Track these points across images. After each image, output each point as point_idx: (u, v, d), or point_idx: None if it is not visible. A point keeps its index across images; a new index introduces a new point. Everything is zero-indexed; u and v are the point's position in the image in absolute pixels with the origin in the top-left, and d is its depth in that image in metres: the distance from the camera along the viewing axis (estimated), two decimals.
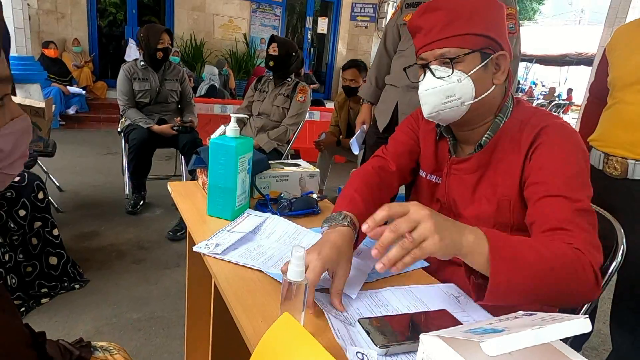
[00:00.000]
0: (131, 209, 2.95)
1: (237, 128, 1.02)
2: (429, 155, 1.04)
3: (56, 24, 6.68)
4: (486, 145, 0.91)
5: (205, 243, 0.89)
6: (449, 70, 0.85)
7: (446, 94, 0.86)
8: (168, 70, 3.07)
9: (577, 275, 0.70)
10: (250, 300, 0.73)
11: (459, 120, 0.90)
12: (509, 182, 0.88)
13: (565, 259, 0.70)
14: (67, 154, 4.22)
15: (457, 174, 0.96)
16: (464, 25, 0.84)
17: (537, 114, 0.89)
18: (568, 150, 0.83)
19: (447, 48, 0.85)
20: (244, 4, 8.05)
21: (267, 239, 0.97)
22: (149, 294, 2.04)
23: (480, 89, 0.86)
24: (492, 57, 0.86)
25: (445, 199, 0.99)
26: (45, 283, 1.93)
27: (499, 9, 0.87)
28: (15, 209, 1.82)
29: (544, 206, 0.80)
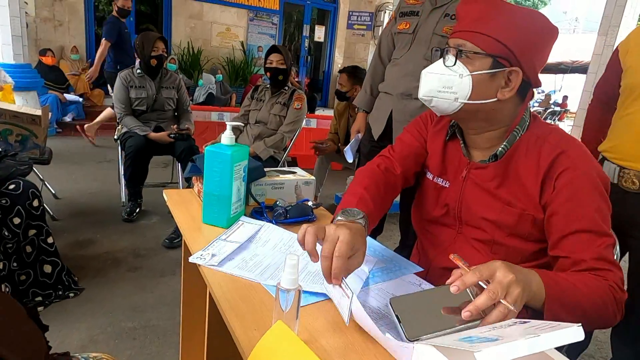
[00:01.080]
0: (127, 216, 2.94)
1: (232, 136, 1.03)
2: (436, 158, 1.03)
3: (54, 31, 6.70)
4: (502, 157, 0.90)
5: (201, 253, 0.89)
6: (459, 63, 0.85)
7: (444, 84, 0.87)
8: (164, 77, 3.08)
9: (609, 312, 0.77)
10: (244, 308, 0.73)
11: (455, 116, 0.90)
12: (528, 198, 0.88)
13: (604, 299, 0.77)
14: (64, 161, 4.20)
15: (475, 179, 0.94)
16: (490, 27, 0.83)
17: (553, 132, 0.89)
18: (592, 181, 0.83)
19: (465, 41, 0.85)
20: (241, 12, 8.10)
21: (263, 247, 0.97)
22: (144, 302, 2.03)
23: (478, 93, 0.85)
24: (504, 70, 0.84)
25: (455, 203, 0.97)
26: (40, 291, 1.91)
27: (542, 32, 0.86)
28: (9, 216, 1.81)
29: (572, 244, 0.82)
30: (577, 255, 0.81)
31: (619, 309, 0.78)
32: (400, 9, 1.94)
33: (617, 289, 0.78)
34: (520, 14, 0.85)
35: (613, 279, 0.79)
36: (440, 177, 1.01)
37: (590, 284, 0.77)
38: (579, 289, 0.75)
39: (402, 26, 1.89)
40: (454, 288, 0.65)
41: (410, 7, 1.90)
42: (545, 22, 0.86)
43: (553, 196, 0.84)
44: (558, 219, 0.84)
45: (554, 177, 0.84)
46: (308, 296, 0.78)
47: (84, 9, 6.87)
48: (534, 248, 0.91)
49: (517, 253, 0.92)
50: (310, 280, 0.83)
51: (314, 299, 0.77)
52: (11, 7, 4.60)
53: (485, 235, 0.93)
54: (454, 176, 0.98)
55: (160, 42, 2.93)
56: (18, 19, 4.71)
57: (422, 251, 1.09)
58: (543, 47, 0.86)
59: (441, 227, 1.02)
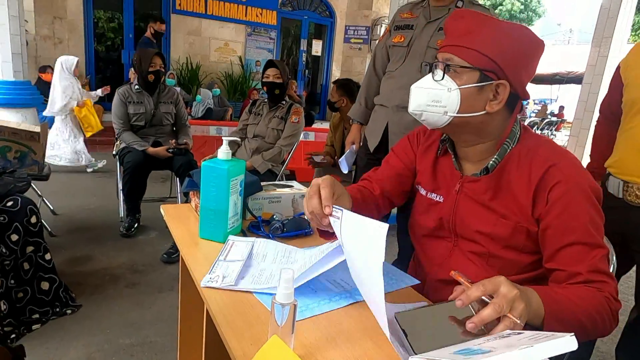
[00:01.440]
0: (125, 231, 2.93)
1: (229, 151, 1.04)
2: (428, 174, 1.03)
3: (54, 49, 6.76)
4: (493, 170, 0.91)
5: (210, 277, 0.86)
6: (447, 77, 0.87)
7: (433, 98, 0.88)
8: (162, 93, 3.11)
9: (606, 324, 0.79)
10: (240, 323, 0.73)
11: (445, 129, 0.92)
12: (521, 211, 0.88)
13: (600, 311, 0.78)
14: (62, 177, 4.21)
15: (468, 193, 0.95)
16: (477, 41, 0.85)
17: (544, 144, 0.90)
18: (584, 192, 0.84)
19: (453, 55, 0.87)
20: (239, 27, 8.20)
21: (264, 261, 0.96)
22: (142, 318, 2.02)
23: (466, 107, 0.87)
24: (492, 83, 0.86)
25: (450, 217, 0.98)
26: (37, 309, 1.90)
27: (530, 46, 0.87)
28: (7, 233, 1.81)
29: (567, 256, 0.83)
30: (572, 268, 0.82)
31: (614, 318, 0.80)
32: (395, 23, 1.97)
33: (611, 299, 0.80)
34: (507, 29, 0.86)
35: (608, 290, 0.80)
36: (434, 193, 1.02)
37: (586, 298, 0.78)
38: (576, 304, 0.76)
39: (396, 39, 1.91)
40: (459, 302, 0.66)
41: (405, 20, 1.93)
42: (531, 36, 0.88)
43: (547, 209, 0.85)
44: (552, 232, 0.85)
45: (547, 190, 0.85)
46: (304, 310, 0.77)
47: (84, 26, 6.95)
48: (529, 260, 0.91)
49: (512, 265, 0.92)
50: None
51: (309, 314, 0.77)
52: (11, 25, 4.66)
53: (480, 248, 0.94)
54: (447, 190, 0.99)
55: (157, 57, 2.96)
56: (18, 36, 4.76)
57: (419, 264, 1.09)
58: (529, 60, 0.88)
59: (437, 240, 1.02)
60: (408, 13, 1.92)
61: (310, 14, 9.02)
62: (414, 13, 1.89)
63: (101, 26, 8.42)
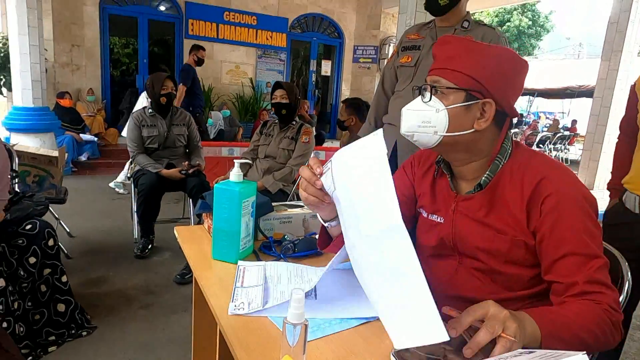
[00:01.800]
0: (139, 253, 2.97)
1: (240, 173, 1.06)
2: (427, 197, 1.06)
3: (71, 75, 6.99)
4: (487, 186, 0.93)
5: (234, 305, 0.85)
6: (435, 99, 0.90)
7: (423, 119, 0.91)
8: (175, 115, 3.19)
9: (608, 337, 0.79)
10: (253, 343, 0.74)
11: (437, 148, 0.94)
12: (517, 224, 0.89)
13: (601, 324, 0.78)
14: (78, 200, 4.29)
15: (464, 211, 0.97)
16: (460, 63, 0.89)
17: (536, 158, 0.92)
18: (578, 203, 0.85)
19: (440, 77, 0.91)
20: (250, 50, 8.39)
21: (280, 284, 0.97)
22: (155, 340, 2.03)
23: (455, 126, 0.90)
24: (478, 102, 0.89)
25: (450, 236, 0.99)
26: (53, 331, 1.92)
27: (512, 66, 0.90)
28: (25, 256, 1.85)
29: (563, 268, 0.84)
30: (569, 279, 0.82)
31: (616, 330, 0.79)
32: (403, 44, 2.00)
33: (611, 311, 0.79)
34: (491, 52, 0.90)
35: (606, 301, 0.80)
36: (435, 214, 1.04)
37: (583, 313, 0.78)
38: (573, 321, 0.76)
39: (404, 60, 1.95)
40: (453, 331, 0.67)
41: (412, 41, 1.96)
42: (515, 57, 0.91)
43: (540, 221, 0.86)
44: (547, 244, 0.86)
45: (539, 203, 0.86)
46: (315, 330, 0.78)
47: (100, 53, 7.19)
48: (532, 273, 0.91)
49: (516, 280, 0.92)
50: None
51: (320, 334, 0.78)
52: (32, 54, 4.85)
53: (482, 264, 0.94)
54: (445, 211, 1.01)
55: (168, 81, 3.05)
56: (38, 65, 4.95)
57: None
58: (514, 79, 0.92)
59: (442, 259, 1.03)
60: (415, 34, 1.96)
61: (319, 35, 9.19)
62: (421, 34, 1.93)
63: (116, 52, 8.69)
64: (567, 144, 11.41)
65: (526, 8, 22.39)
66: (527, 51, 23.77)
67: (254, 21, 8.23)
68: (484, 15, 22.57)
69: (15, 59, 4.86)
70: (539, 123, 15.00)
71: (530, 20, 22.91)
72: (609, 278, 0.83)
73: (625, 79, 4.86)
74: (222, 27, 8.01)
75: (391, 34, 8.86)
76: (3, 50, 5.42)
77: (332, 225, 0.98)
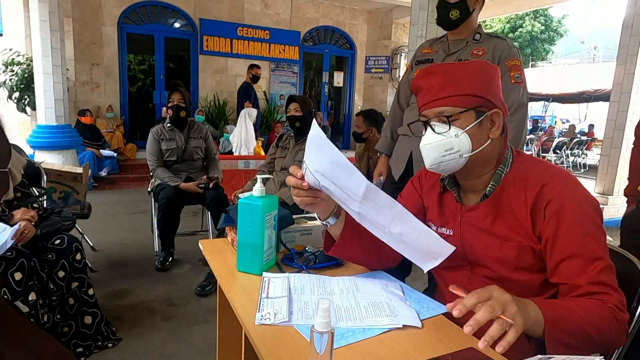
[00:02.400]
0: (160, 265, 3.03)
1: (262, 188, 1.10)
2: (435, 210, 1.09)
3: (91, 93, 7.21)
4: (491, 195, 0.97)
5: (261, 315, 0.88)
6: (447, 126, 0.93)
7: (445, 148, 0.94)
8: (192, 129, 3.29)
9: (615, 333, 0.81)
10: (280, 352, 0.77)
11: (460, 170, 0.97)
12: (523, 230, 0.92)
13: (605, 321, 0.80)
14: (100, 215, 4.40)
15: (470, 221, 1.00)
16: (458, 87, 0.93)
17: (538, 165, 0.96)
18: (579, 207, 0.88)
19: (444, 107, 0.94)
20: (263, 64, 8.52)
21: (303, 294, 1.00)
22: (179, 351, 2.07)
23: (476, 143, 0.94)
24: (486, 115, 0.94)
25: (460, 248, 1.02)
26: (81, 343, 1.98)
27: (491, 71, 0.96)
28: (55, 270, 1.92)
29: (566, 269, 0.87)
30: (573, 281, 0.85)
31: (622, 329, 0.81)
32: (416, 58, 2.04)
33: (616, 310, 0.81)
34: (472, 67, 0.95)
35: (612, 302, 0.82)
36: (444, 227, 1.07)
37: (588, 308, 0.80)
38: (577, 313, 0.79)
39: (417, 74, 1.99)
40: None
41: (426, 55, 2.00)
42: (489, 65, 0.97)
43: (544, 225, 0.89)
44: (551, 247, 0.89)
45: (543, 208, 0.90)
46: (339, 339, 0.81)
47: (118, 70, 7.40)
48: (541, 279, 0.94)
49: (527, 286, 0.94)
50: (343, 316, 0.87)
51: (344, 342, 0.80)
52: (55, 74, 5.03)
53: (493, 273, 0.97)
54: (453, 223, 1.04)
55: (174, 93, 3.16)
56: (60, 84, 5.13)
57: (440, 294, 1.12)
58: (496, 82, 0.97)
59: (455, 271, 1.06)
60: (428, 49, 2.00)
61: (331, 47, 9.30)
62: (433, 48, 1.97)
63: (133, 68, 8.91)
64: (584, 149, 11.23)
65: (538, 13, 22.27)
66: (540, 56, 23.57)
67: (267, 35, 8.38)
68: (495, 22, 22.52)
69: (39, 79, 5.04)
70: (555, 129, 14.82)
71: (542, 25, 22.76)
72: (614, 280, 0.85)
73: None
74: (236, 42, 8.18)
75: (402, 43, 8.91)
76: (27, 70, 5.62)
77: (329, 223, 1.04)
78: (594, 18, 50.47)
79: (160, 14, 7.67)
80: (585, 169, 10.72)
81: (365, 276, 1.11)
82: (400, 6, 8.29)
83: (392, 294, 0.99)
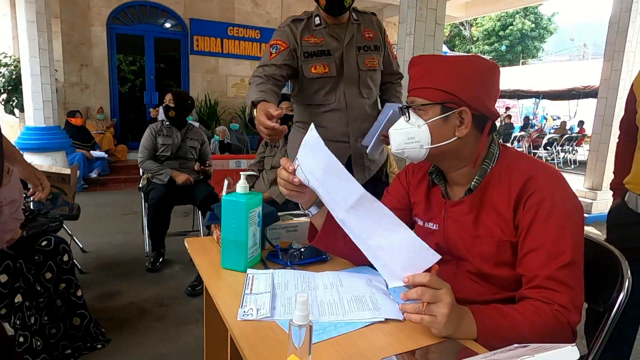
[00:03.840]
0: (151, 266, 3.02)
1: (246, 185, 1.10)
2: (422, 205, 1.10)
3: (81, 94, 7.16)
4: (476, 189, 0.97)
5: (244, 311, 0.88)
6: (415, 116, 0.96)
7: (408, 136, 0.97)
8: (190, 130, 3.34)
9: (556, 337, 0.81)
10: (262, 347, 0.77)
11: (427, 160, 1.00)
12: (503, 225, 0.93)
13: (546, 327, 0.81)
14: (90, 216, 4.38)
15: (453, 216, 1.01)
16: (431, 80, 0.94)
17: (524, 160, 0.96)
18: (559, 202, 0.88)
19: (415, 97, 0.97)
20: (254, 63, 8.49)
21: (287, 290, 1.00)
22: (169, 351, 2.06)
23: (437, 137, 0.95)
24: (453, 112, 0.93)
25: (444, 243, 1.03)
26: (69, 344, 1.97)
27: (483, 72, 0.94)
28: (42, 272, 1.90)
29: (530, 261, 0.88)
30: (532, 273, 0.86)
31: (566, 332, 0.82)
32: (303, 49, 1.73)
33: (561, 311, 0.82)
34: (459, 62, 0.94)
35: (558, 301, 0.82)
36: (430, 222, 1.08)
37: (526, 313, 0.82)
38: (515, 319, 0.81)
39: (319, 70, 1.75)
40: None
41: (317, 46, 1.73)
42: (483, 62, 0.95)
43: (522, 216, 0.90)
44: (523, 238, 0.89)
45: (524, 200, 0.90)
46: (321, 333, 0.81)
47: (108, 71, 7.35)
48: None
49: (509, 281, 0.95)
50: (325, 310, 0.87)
51: (326, 336, 0.81)
52: (43, 75, 4.98)
53: (475, 268, 0.98)
54: (438, 218, 1.05)
55: (167, 94, 3.23)
56: (49, 85, 5.09)
57: None
58: (486, 83, 0.95)
59: (441, 265, 1.06)
60: (312, 37, 1.74)
61: None
62: (316, 36, 1.74)
63: (123, 69, 8.86)
64: (574, 145, 11.34)
65: (528, 11, 22.43)
66: (530, 54, 23.74)
67: (258, 35, 8.37)
68: (486, 20, 22.65)
69: (26, 80, 5.00)
70: (545, 125, 14.93)
71: (533, 23, 22.92)
72: (573, 278, 0.84)
73: (628, 79, 4.85)
74: (227, 42, 8.16)
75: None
76: (15, 72, 5.57)
77: (312, 212, 1.08)
78: (584, 15, 50.95)
79: (150, 14, 7.64)
80: (575, 165, 10.83)
81: (350, 271, 1.11)
82: (391, 5, 8.32)
83: (376, 288, 0.99)
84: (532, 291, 0.85)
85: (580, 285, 0.86)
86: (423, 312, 0.77)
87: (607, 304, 0.97)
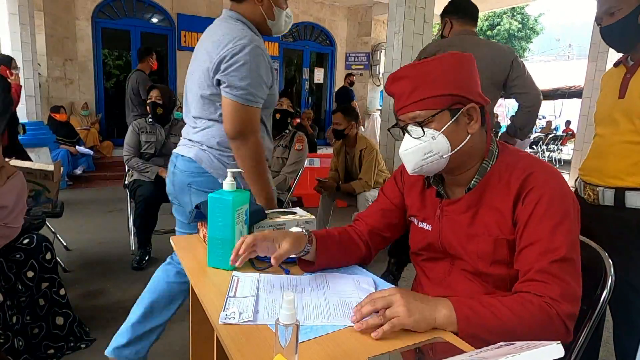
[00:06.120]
0: (137, 264, 2.98)
1: (233, 182, 1.09)
2: (417, 205, 1.09)
3: (65, 89, 7.02)
4: (474, 188, 0.97)
5: (226, 314, 0.87)
6: (425, 129, 0.92)
7: (424, 151, 0.93)
8: (174, 126, 3.29)
9: (544, 328, 0.80)
10: (248, 347, 0.76)
11: (444, 169, 0.97)
12: (502, 222, 0.93)
13: (531, 316, 0.81)
14: (74, 213, 4.30)
15: (449, 215, 1.00)
16: (427, 89, 0.91)
17: (524, 158, 0.96)
18: (556, 199, 0.88)
19: (417, 111, 0.93)
20: None
21: (272, 293, 0.98)
22: (154, 350, 2.03)
23: (455, 142, 0.93)
24: (462, 111, 0.92)
25: (438, 242, 1.02)
26: (52, 344, 1.93)
27: (464, 64, 0.94)
28: (23, 270, 1.86)
29: (525, 256, 0.88)
30: (525, 267, 0.87)
31: (556, 323, 0.81)
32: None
33: (551, 302, 0.81)
34: (441, 62, 0.92)
35: (548, 293, 0.82)
36: (424, 222, 1.08)
37: (509, 303, 0.82)
38: (498, 310, 0.81)
39: None
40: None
41: None
42: (460, 55, 0.94)
43: (520, 212, 0.90)
44: (520, 233, 0.90)
45: (523, 196, 0.90)
46: (308, 332, 0.81)
47: (93, 66, 7.22)
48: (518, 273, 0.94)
49: (505, 280, 0.95)
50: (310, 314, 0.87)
51: (313, 335, 0.80)
52: (25, 69, 4.88)
53: (470, 266, 0.98)
54: (433, 218, 1.05)
55: (154, 90, 3.21)
56: (32, 80, 4.98)
57: (419, 284, 1.13)
58: (473, 74, 0.95)
59: (435, 262, 1.07)
60: None
61: (311, 43, 9.28)
62: None
63: (108, 64, 8.71)
64: (559, 144, 11.52)
65: (515, 11, 22.66)
66: (517, 54, 24.01)
67: None
68: None
69: None
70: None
71: (520, 23, 23.16)
72: (567, 272, 0.84)
73: None
74: None
75: (382, 40, 8.95)
76: None
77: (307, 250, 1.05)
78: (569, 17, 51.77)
79: (136, 8, 7.52)
80: (560, 164, 11.00)
81: (338, 271, 1.10)
82: (380, 3, 8.33)
83: (364, 291, 0.98)
84: (524, 284, 0.86)
85: (576, 279, 0.86)
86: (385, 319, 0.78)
87: (590, 300, 0.98)
